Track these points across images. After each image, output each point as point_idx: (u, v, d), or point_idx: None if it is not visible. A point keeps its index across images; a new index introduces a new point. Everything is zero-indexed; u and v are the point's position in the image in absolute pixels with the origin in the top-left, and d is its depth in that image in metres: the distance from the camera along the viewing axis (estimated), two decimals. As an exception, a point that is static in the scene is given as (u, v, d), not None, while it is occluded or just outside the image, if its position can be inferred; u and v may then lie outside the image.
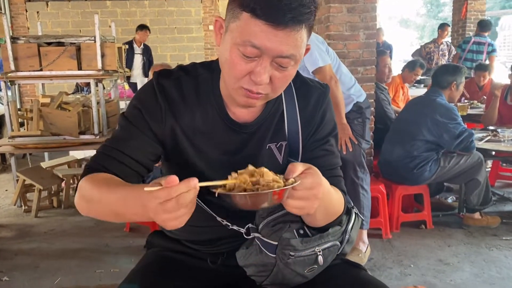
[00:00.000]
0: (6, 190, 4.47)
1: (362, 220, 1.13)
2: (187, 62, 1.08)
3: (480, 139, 3.33)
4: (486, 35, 6.29)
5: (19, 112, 4.09)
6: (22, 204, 3.83)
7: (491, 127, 3.70)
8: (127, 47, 5.02)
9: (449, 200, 3.73)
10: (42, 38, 4.06)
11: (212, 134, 1.02)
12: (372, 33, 3.22)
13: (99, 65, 3.93)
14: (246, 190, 0.79)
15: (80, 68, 3.95)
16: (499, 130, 3.53)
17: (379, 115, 3.47)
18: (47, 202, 3.89)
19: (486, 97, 4.45)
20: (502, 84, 4.17)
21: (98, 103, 4.00)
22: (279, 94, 0.97)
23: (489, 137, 3.41)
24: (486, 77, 4.95)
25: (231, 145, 1.03)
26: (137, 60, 6.92)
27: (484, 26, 6.29)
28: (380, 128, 3.40)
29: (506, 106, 3.92)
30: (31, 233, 3.33)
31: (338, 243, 1.02)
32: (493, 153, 3.45)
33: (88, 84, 5.31)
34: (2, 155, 5.30)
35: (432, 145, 3.02)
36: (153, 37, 8.32)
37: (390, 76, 3.99)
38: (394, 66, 4.21)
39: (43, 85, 4.94)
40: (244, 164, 0.85)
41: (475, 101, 4.85)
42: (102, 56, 3.96)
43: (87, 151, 4.17)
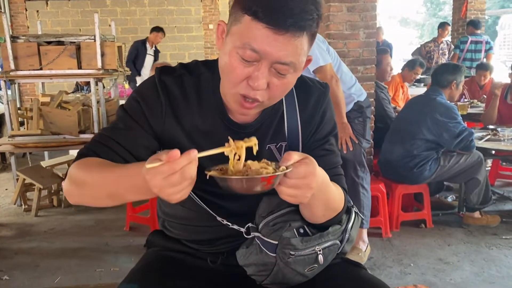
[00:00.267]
0: (6, 189, 4.47)
1: (362, 219, 1.13)
2: (187, 61, 1.08)
3: (480, 138, 3.32)
4: (480, 32, 6.31)
5: (19, 111, 4.09)
6: (22, 203, 3.83)
7: (491, 126, 3.70)
8: (125, 45, 5.01)
9: (449, 199, 3.72)
10: (42, 37, 4.05)
11: (211, 133, 1.01)
12: (372, 32, 3.22)
13: (99, 64, 3.93)
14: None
15: (80, 67, 3.95)
16: (499, 129, 3.53)
17: (379, 114, 3.47)
18: (47, 201, 3.89)
19: (486, 96, 4.45)
20: (502, 83, 4.16)
21: (98, 102, 4.00)
22: (275, 102, 0.96)
23: (489, 136, 3.40)
24: (487, 77, 4.94)
25: None
26: (148, 61, 6.79)
27: (477, 24, 6.36)
28: (380, 127, 3.39)
29: (506, 105, 3.92)
30: (31, 232, 3.33)
31: (338, 242, 1.02)
32: (493, 152, 3.46)
33: (88, 83, 5.31)
34: (2, 154, 5.30)
35: (432, 144, 3.02)
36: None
37: (391, 74, 3.99)
38: (393, 65, 4.21)
39: (43, 84, 4.94)
40: None
41: (475, 100, 4.84)
42: (102, 55, 3.96)
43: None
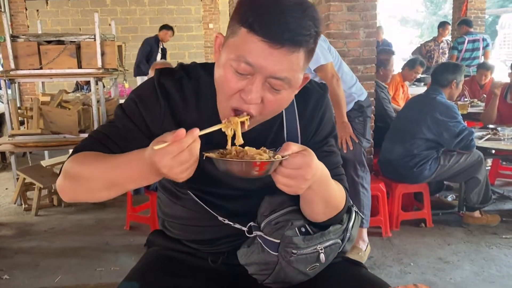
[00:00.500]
0: (6, 188, 4.47)
1: (362, 219, 1.13)
2: (187, 60, 1.06)
3: (480, 138, 3.32)
4: (473, 30, 6.33)
5: (19, 110, 4.09)
6: (22, 203, 3.83)
7: (491, 126, 3.70)
8: (125, 44, 5.00)
9: (449, 199, 3.73)
10: (42, 36, 4.05)
11: (209, 139, 1.01)
12: (372, 31, 3.22)
13: (99, 64, 3.93)
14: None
15: (80, 67, 3.95)
16: (499, 128, 3.53)
17: (379, 113, 3.48)
18: (47, 200, 3.89)
19: (486, 95, 4.45)
20: (502, 82, 4.16)
21: (98, 101, 4.00)
22: (268, 118, 0.95)
23: (489, 136, 3.40)
24: (488, 76, 4.93)
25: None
26: (158, 58, 6.88)
27: (470, 22, 6.38)
28: (380, 126, 3.39)
29: (506, 104, 3.91)
30: (31, 232, 3.33)
31: (339, 241, 1.02)
32: (493, 151, 3.45)
33: (88, 83, 5.31)
34: (2, 154, 5.31)
35: (432, 144, 3.02)
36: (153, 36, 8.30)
37: (391, 74, 4.00)
38: (394, 64, 4.21)
39: (43, 83, 4.94)
40: None
41: (475, 100, 4.84)
42: (102, 54, 3.96)
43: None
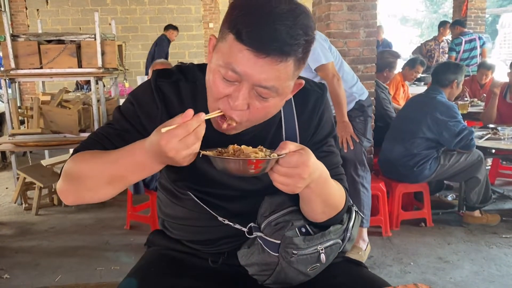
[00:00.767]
0: (6, 188, 4.47)
1: (362, 218, 1.13)
2: (187, 59, 1.06)
3: (480, 137, 3.33)
4: (466, 30, 6.34)
5: (19, 110, 4.10)
6: (23, 202, 3.83)
7: (491, 125, 3.70)
8: (125, 44, 5.00)
9: (449, 198, 3.73)
10: (42, 35, 4.05)
11: (206, 142, 1.00)
12: (373, 31, 3.22)
13: (99, 63, 3.93)
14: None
15: (80, 66, 3.95)
16: (499, 128, 3.53)
17: (379, 113, 3.48)
18: (48, 200, 3.90)
19: (486, 95, 4.45)
20: (501, 82, 4.16)
21: (98, 101, 4.00)
22: (256, 124, 0.94)
23: (489, 135, 3.40)
24: (489, 76, 4.92)
25: None
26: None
27: (463, 22, 6.42)
28: (380, 126, 3.39)
29: (506, 104, 3.91)
30: (32, 231, 3.33)
31: (340, 241, 1.02)
32: (493, 151, 3.45)
33: (88, 82, 5.31)
34: (3, 153, 5.31)
35: (432, 143, 3.02)
36: (153, 35, 8.31)
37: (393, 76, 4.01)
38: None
39: (43, 83, 4.94)
40: None
41: (476, 99, 4.84)
42: (102, 54, 3.96)
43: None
